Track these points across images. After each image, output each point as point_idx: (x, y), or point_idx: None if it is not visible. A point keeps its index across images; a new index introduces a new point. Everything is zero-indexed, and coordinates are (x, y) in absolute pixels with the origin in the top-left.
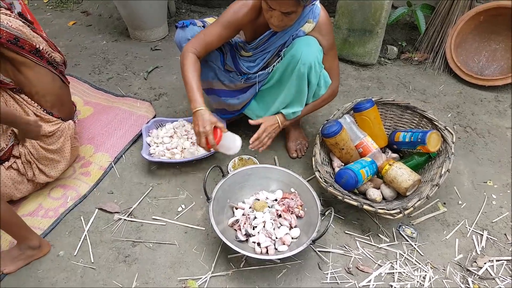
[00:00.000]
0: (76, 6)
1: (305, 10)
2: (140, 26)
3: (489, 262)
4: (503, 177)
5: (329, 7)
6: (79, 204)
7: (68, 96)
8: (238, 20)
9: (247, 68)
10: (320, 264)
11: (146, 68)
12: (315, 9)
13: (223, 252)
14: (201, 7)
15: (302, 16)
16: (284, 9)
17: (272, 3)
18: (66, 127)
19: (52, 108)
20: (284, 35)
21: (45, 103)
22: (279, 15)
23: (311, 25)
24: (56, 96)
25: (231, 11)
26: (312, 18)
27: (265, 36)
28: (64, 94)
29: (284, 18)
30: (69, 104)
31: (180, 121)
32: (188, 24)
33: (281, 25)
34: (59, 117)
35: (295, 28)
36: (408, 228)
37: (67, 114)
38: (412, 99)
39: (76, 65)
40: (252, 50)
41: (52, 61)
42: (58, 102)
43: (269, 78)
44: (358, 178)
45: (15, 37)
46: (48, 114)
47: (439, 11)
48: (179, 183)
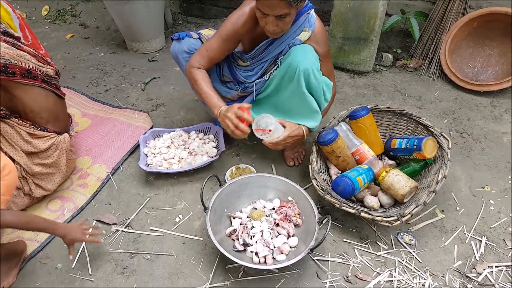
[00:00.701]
0: (74, 19)
1: (301, 18)
2: (137, 38)
3: (488, 268)
4: (501, 182)
5: (323, 16)
6: (76, 216)
7: (63, 109)
8: (237, 31)
9: (244, 78)
10: (318, 273)
11: (143, 79)
12: (311, 18)
13: (221, 263)
14: (197, 18)
15: (298, 24)
16: (277, 12)
17: (264, 9)
18: (61, 140)
19: (47, 124)
20: (281, 44)
21: (40, 120)
22: (273, 19)
23: (307, 33)
24: (50, 111)
25: (229, 23)
26: (308, 27)
27: (262, 46)
28: (59, 109)
29: (279, 23)
30: (65, 117)
31: (177, 131)
32: (184, 36)
33: (277, 30)
34: (54, 131)
35: (292, 37)
36: (407, 235)
37: (62, 128)
38: (408, 106)
39: (74, 77)
40: (250, 59)
41: (45, 77)
42: (53, 117)
43: (265, 87)
44: (355, 185)
45: (3, 65)
46: (42, 131)
47: (433, 18)
48: (176, 193)
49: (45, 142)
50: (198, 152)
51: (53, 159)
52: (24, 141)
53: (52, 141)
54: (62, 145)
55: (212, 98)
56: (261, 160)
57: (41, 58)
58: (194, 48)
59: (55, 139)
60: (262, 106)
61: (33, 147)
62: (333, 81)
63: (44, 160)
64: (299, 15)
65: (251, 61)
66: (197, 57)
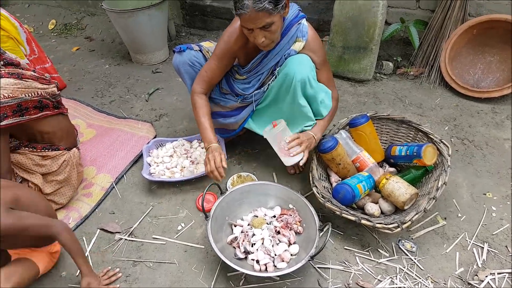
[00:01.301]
0: (80, 32)
1: (292, 29)
2: (141, 50)
3: (491, 275)
4: (503, 189)
5: (324, 26)
6: (80, 225)
7: (70, 124)
8: (231, 48)
9: (242, 90)
10: (319, 280)
11: (147, 90)
12: (302, 28)
13: (222, 270)
14: (200, 30)
15: (289, 35)
16: (259, 24)
17: (247, 24)
18: (72, 155)
19: (60, 142)
20: (275, 56)
21: (55, 139)
22: (259, 32)
23: (301, 43)
24: (62, 130)
25: (222, 42)
26: (301, 37)
27: (257, 59)
28: (67, 124)
29: (266, 34)
30: (72, 131)
31: (179, 140)
32: (185, 49)
33: (266, 42)
34: (65, 148)
35: (286, 48)
36: (408, 242)
37: (72, 142)
38: (408, 113)
39: (79, 89)
40: (246, 73)
41: (54, 100)
42: (66, 134)
43: (264, 97)
44: (355, 192)
45: (17, 104)
46: (54, 150)
47: (432, 26)
48: (179, 201)
49: (57, 161)
50: (200, 161)
51: (65, 175)
52: (37, 166)
53: (63, 158)
54: (72, 160)
55: (206, 130)
56: (262, 168)
57: (43, 79)
58: (195, 60)
59: (65, 156)
60: (261, 116)
61: (47, 169)
62: (333, 88)
63: (57, 177)
64: (290, 26)
65: (247, 74)
66: (199, 81)
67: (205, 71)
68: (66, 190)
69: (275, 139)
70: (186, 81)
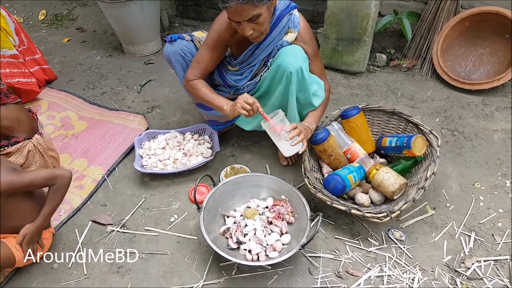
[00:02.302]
0: (71, 23)
1: (283, 20)
2: (134, 41)
3: (477, 263)
4: (490, 179)
5: (318, 17)
6: (72, 217)
7: (20, 111)
8: (222, 37)
9: (234, 82)
10: (310, 269)
11: (139, 81)
12: (294, 19)
13: (215, 261)
14: (194, 20)
15: (281, 26)
16: (246, 16)
17: (234, 17)
18: (35, 143)
19: (12, 131)
20: (267, 47)
21: (4, 130)
22: (247, 24)
23: (293, 34)
24: (8, 118)
25: (214, 30)
26: (293, 27)
27: (249, 50)
28: (15, 114)
29: (254, 26)
30: (27, 117)
31: (172, 132)
32: (176, 38)
33: (255, 34)
34: (24, 138)
35: (277, 39)
36: (397, 232)
37: (29, 129)
38: (400, 105)
39: (70, 80)
40: (239, 65)
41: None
42: (15, 122)
43: (257, 88)
44: (346, 183)
45: None
46: (14, 145)
47: (425, 18)
48: (171, 193)
49: (21, 153)
50: (193, 153)
51: (36, 165)
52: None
53: (27, 149)
54: (39, 148)
55: (219, 98)
56: (255, 160)
57: None
58: (187, 50)
59: (28, 145)
60: None
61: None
62: (325, 79)
63: (29, 169)
64: (281, 16)
65: (239, 66)
66: (191, 71)
67: (197, 62)
68: None
69: (274, 130)
70: (178, 72)
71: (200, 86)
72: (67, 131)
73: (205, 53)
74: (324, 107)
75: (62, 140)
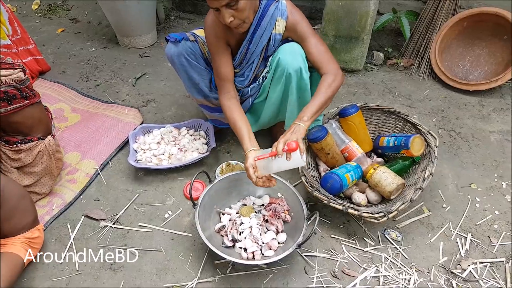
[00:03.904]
0: (65, 13)
1: (270, 9)
2: (129, 33)
3: (473, 265)
4: (487, 180)
5: (316, 13)
6: (64, 211)
7: (42, 111)
8: (220, 38)
9: (238, 84)
10: (306, 268)
11: (134, 74)
12: (281, 6)
13: (209, 258)
14: (190, 14)
15: (268, 15)
16: (223, 1)
17: (212, 3)
18: (47, 145)
19: (31, 130)
20: (260, 40)
21: (24, 128)
22: (225, 10)
23: (282, 22)
24: (33, 118)
25: (208, 35)
26: (280, 16)
27: (243, 48)
28: (38, 113)
29: (233, 13)
30: (46, 117)
31: (167, 127)
32: (181, 39)
33: (236, 21)
34: (38, 137)
35: (269, 30)
36: (393, 232)
37: (45, 130)
38: (397, 104)
39: (64, 72)
40: (238, 66)
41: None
42: (37, 122)
43: (261, 92)
44: (343, 182)
45: None
46: (27, 143)
47: (424, 17)
48: (166, 189)
49: (31, 153)
50: (188, 148)
51: (42, 166)
52: (11, 160)
53: (37, 149)
54: (48, 150)
55: (243, 137)
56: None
57: (5, 63)
58: (191, 52)
59: (40, 146)
60: (256, 111)
61: (21, 162)
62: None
63: (33, 168)
64: (268, 5)
65: (239, 67)
66: (220, 90)
67: (217, 76)
68: (47, 180)
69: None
70: (181, 75)
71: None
72: (60, 124)
73: (218, 63)
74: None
75: (55, 132)
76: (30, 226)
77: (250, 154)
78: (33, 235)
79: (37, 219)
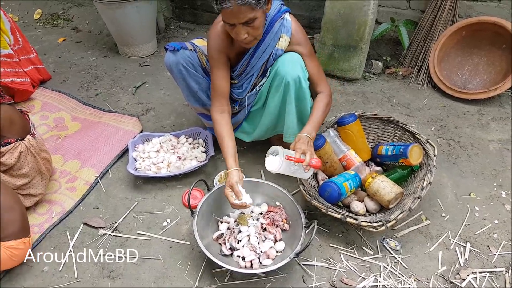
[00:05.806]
0: (67, 23)
1: (276, 25)
2: (129, 43)
3: (472, 274)
4: (486, 189)
5: (314, 23)
6: (64, 219)
7: (12, 112)
8: (222, 52)
9: (237, 95)
10: (304, 277)
11: (134, 83)
12: (286, 23)
13: (207, 267)
14: (190, 23)
15: (273, 32)
16: (242, 19)
17: (229, 19)
18: (27, 144)
19: (3, 132)
20: (262, 55)
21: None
22: (242, 27)
23: (285, 39)
24: (3, 119)
25: (210, 49)
26: (284, 33)
27: (244, 61)
28: (9, 114)
29: (248, 30)
30: (19, 118)
31: (166, 135)
32: (179, 48)
33: (249, 38)
34: (16, 139)
35: (271, 45)
36: (392, 241)
37: (21, 131)
38: (396, 113)
39: (65, 81)
40: (237, 77)
41: None
42: (8, 123)
43: (257, 100)
44: (341, 191)
45: None
46: (5, 146)
47: (422, 26)
48: (164, 197)
49: (12, 154)
50: (187, 156)
51: (29, 166)
52: None
53: (18, 150)
54: (31, 149)
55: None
56: (250, 165)
57: None
58: (189, 61)
59: (20, 147)
60: (254, 119)
61: (4, 165)
62: (324, 82)
63: (21, 171)
64: (273, 22)
65: (238, 78)
66: (213, 102)
67: (213, 89)
68: (38, 180)
69: (286, 169)
70: (179, 84)
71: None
72: (60, 132)
73: (215, 77)
74: (324, 113)
75: (55, 141)
76: (15, 237)
77: (234, 173)
78: (16, 246)
79: (26, 231)
